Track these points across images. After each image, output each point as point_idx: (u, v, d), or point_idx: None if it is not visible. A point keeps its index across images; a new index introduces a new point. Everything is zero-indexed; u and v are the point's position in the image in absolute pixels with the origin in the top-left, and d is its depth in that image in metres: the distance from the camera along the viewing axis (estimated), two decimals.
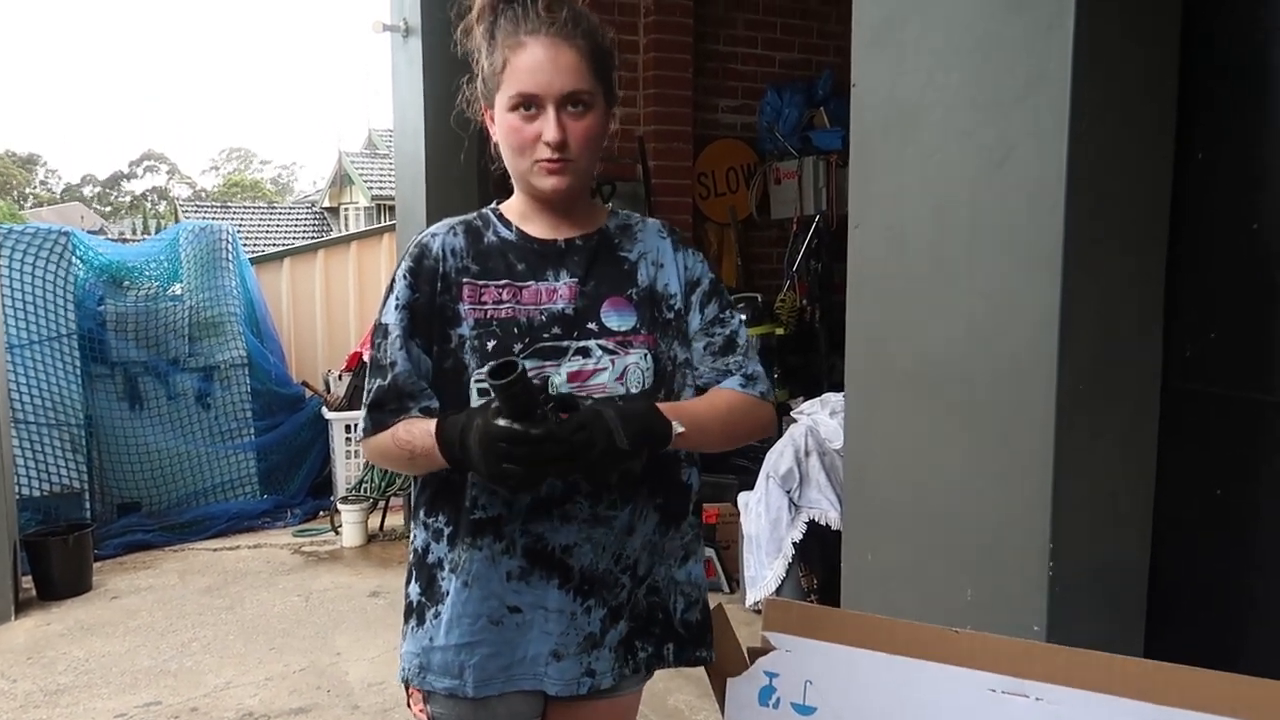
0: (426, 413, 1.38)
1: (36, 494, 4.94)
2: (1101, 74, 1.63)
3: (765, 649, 1.59)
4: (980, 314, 1.80)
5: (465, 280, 1.42)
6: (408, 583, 1.49)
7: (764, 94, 5.89)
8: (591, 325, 1.42)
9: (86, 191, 40.66)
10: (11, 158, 38.24)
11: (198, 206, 28.69)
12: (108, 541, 5.03)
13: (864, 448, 2.13)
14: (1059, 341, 1.66)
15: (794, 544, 3.54)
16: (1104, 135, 1.65)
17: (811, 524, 3.55)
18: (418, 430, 1.34)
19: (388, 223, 8.96)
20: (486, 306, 1.40)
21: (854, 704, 1.51)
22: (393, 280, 1.44)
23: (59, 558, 4.42)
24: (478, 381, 1.38)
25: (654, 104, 5.80)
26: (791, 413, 4.14)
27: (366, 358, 1.42)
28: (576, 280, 1.43)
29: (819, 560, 3.54)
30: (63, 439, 5.06)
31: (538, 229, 1.45)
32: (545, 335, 1.40)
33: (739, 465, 4.44)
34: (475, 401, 1.38)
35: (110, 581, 4.61)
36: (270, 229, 23.48)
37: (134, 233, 25.10)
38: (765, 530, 3.63)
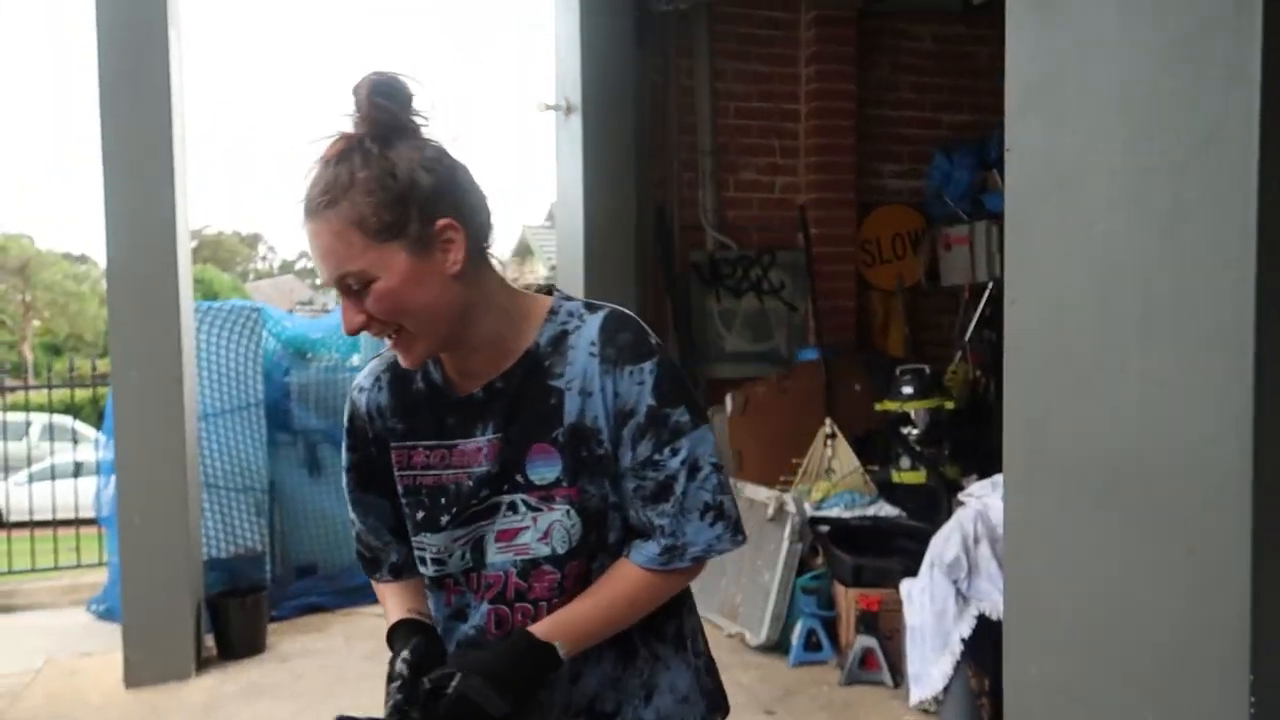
0: (394, 571, 1.42)
1: (222, 555, 5.24)
2: None
3: None
4: (1155, 400, 1.58)
5: (393, 444, 1.35)
6: None
7: (932, 157, 5.68)
8: (518, 477, 1.28)
9: (300, 265, 44.21)
10: (238, 237, 42.18)
11: None
12: (285, 604, 5.26)
13: (1024, 547, 1.92)
14: (1253, 432, 1.43)
15: (962, 640, 3.26)
16: None
17: (982, 618, 3.26)
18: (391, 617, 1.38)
19: None
20: (414, 472, 1.33)
21: None
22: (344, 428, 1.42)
23: (237, 618, 4.65)
24: (415, 549, 1.36)
25: (815, 171, 5.71)
26: (960, 494, 3.87)
27: None
28: (500, 436, 1.28)
29: (991, 659, 3.24)
30: (247, 503, 5.36)
31: (454, 376, 1.32)
32: (474, 501, 1.29)
33: (902, 547, 4.18)
34: (418, 566, 1.38)
35: (283, 644, 4.80)
36: None
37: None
38: (930, 622, 3.36)
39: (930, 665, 3.37)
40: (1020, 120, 1.88)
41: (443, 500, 1.30)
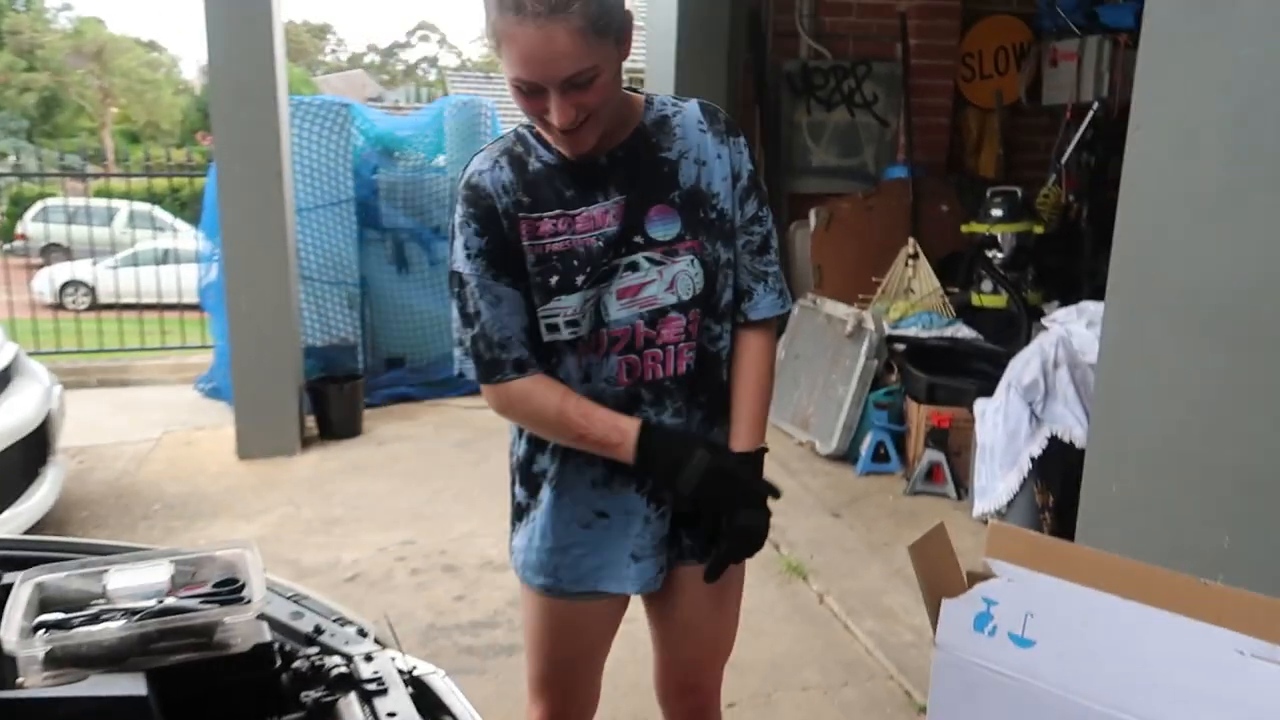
0: (519, 367, 1.41)
1: (319, 344, 5.52)
2: None
3: (985, 574, 1.54)
4: (1278, 238, 1.58)
5: (521, 215, 1.40)
6: (512, 484, 1.57)
7: None
8: (637, 238, 1.41)
9: (368, 60, 43.48)
10: (306, 27, 41.38)
11: (464, 76, 30.00)
12: (376, 392, 5.57)
13: (1119, 370, 1.97)
14: None
15: (1032, 459, 3.37)
16: None
17: (1053, 439, 3.35)
18: (599, 424, 1.40)
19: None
20: (544, 240, 1.40)
21: (1078, 646, 1.44)
22: (453, 225, 1.43)
23: (336, 403, 4.96)
24: (545, 317, 1.41)
25: None
26: (1043, 319, 3.88)
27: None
28: (623, 197, 1.40)
29: (1058, 479, 3.35)
30: (341, 296, 5.59)
31: (572, 149, 1.38)
32: (604, 260, 1.40)
33: (977, 369, 4.24)
34: (545, 336, 1.42)
35: (378, 428, 5.12)
36: None
37: (407, 101, 26.62)
38: (1001, 441, 3.46)
39: (997, 481, 3.50)
40: None
41: (575, 262, 1.39)
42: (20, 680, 1.13)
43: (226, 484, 4.30)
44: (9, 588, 1.27)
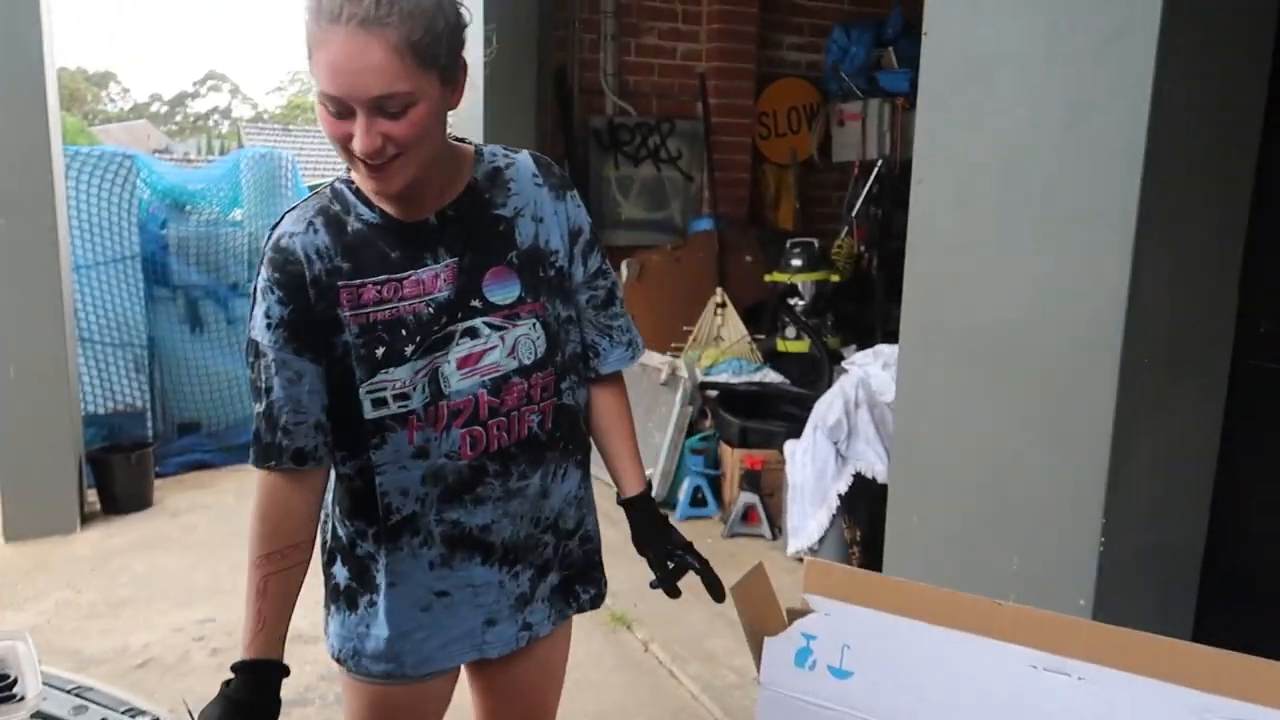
0: (297, 458, 1.28)
1: (101, 411, 5.09)
2: (1194, 22, 1.54)
3: (804, 610, 1.59)
4: (1046, 279, 1.74)
5: (341, 283, 1.29)
6: (329, 564, 1.46)
7: (831, 31, 5.72)
8: (475, 302, 1.33)
9: (154, 109, 41.18)
10: (84, 75, 38.79)
11: (260, 128, 28.93)
12: (168, 460, 5.18)
13: (914, 408, 2.10)
14: (1126, 312, 1.60)
15: (839, 495, 3.53)
16: (1190, 90, 1.56)
17: (858, 476, 3.52)
18: (254, 607, 1.27)
19: None
20: (367, 309, 1.29)
21: (891, 672, 1.50)
22: (255, 289, 1.31)
23: (122, 474, 4.57)
24: (370, 392, 1.30)
25: (717, 39, 5.68)
26: (843, 363, 4.10)
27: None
28: (455, 259, 1.32)
29: (864, 513, 3.52)
30: (126, 359, 5.18)
31: (399, 207, 1.31)
32: (435, 328, 1.31)
33: (786, 412, 4.42)
34: (369, 412, 1.31)
35: (170, 499, 4.76)
36: (330, 153, 23.60)
37: (198, 152, 25.39)
38: (810, 480, 3.61)
39: (808, 519, 3.65)
40: (938, 5, 1.95)
41: (403, 332, 1.30)
42: None
43: None
44: None
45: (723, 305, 5.24)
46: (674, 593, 1.52)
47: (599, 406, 1.53)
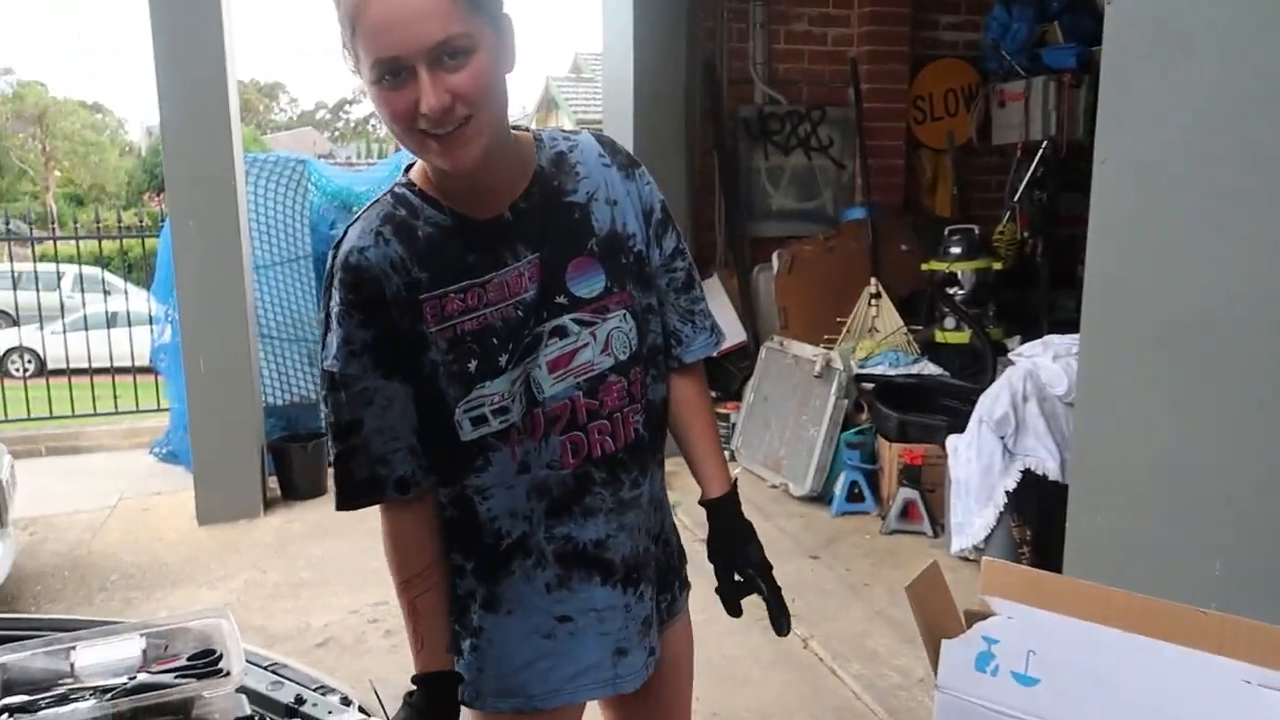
0: (401, 486, 1.21)
1: (279, 403, 5.42)
2: None
3: (984, 613, 1.52)
4: (1248, 266, 1.61)
5: (421, 296, 1.19)
6: None
7: (990, 8, 5.48)
8: (560, 299, 1.23)
9: (319, 117, 43.45)
10: (256, 86, 41.38)
11: None
12: None
13: (1097, 403, 1.98)
14: None
15: (1006, 493, 3.38)
16: None
17: (1027, 473, 3.37)
18: (419, 623, 1.27)
19: None
20: (454, 321, 1.19)
21: (1081, 680, 1.42)
22: (328, 314, 1.21)
23: (299, 462, 4.85)
24: (468, 410, 1.21)
25: (868, 23, 5.53)
26: (1009, 354, 3.92)
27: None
28: (536, 254, 1.22)
29: (1034, 512, 3.36)
30: (301, 353, 5.50)
31: (470, 204, 1.21)
32: (525, 332, 1.21)
33: (946, 406, 4.27)
34: (469, 433, 1.22)
35: None
36: None
37: (359, 156, 26.58)
38: (975, 476, 3.48)
39: (973, 516, 3.51)
40: None
41: (494, 341, 1.20)
42: None
43: (186, 551, 4.17)
44: None
45: (877, 296, 5.11)
46: (734, 611, 1.39)
47: (681, 400, 1.42)
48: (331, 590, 3.69)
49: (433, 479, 1.26)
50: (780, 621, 1.38)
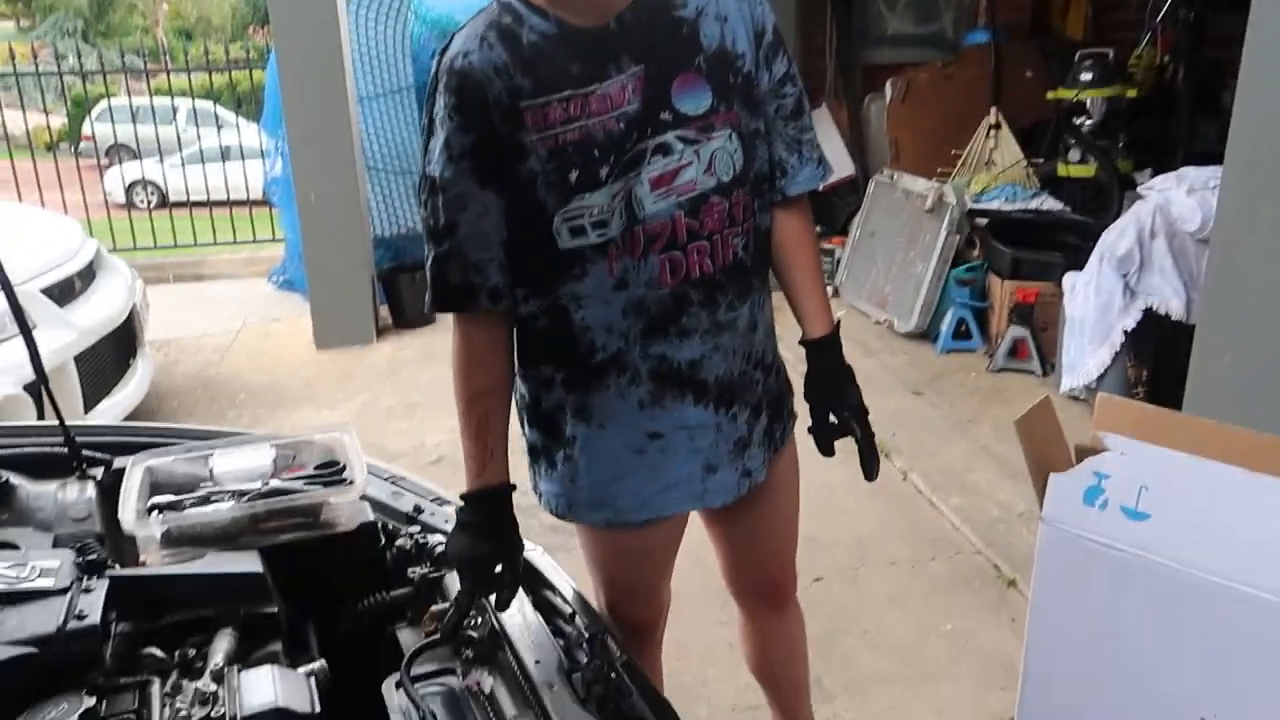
0: (494, 296, 1.24)
1: (387, 234, 5.53)
2: None
3: (1095, 448, 1.48)
4: None
5: (523, 104, 1.18)
6: (521, 424, 1.43)
7: None
8: (665, 115, 1.21)
9: None
10: None
11: None
12: None
13: (1235, 239, 1.86)
14: None
15: (1125, 332, 3.25)
16: None
17: (1148, 313, 3.22)
18: (489, 437, 1.29)
19: None
20: (555, 130, 1.19)
21: (1195, 517, 1.38)
22: (431, 120, 1.22)
23: (408, 292, 4.98)
24: (567, 220, 1.21)
25: None
26: (1139, 188, 3.69)
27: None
28: (641, 67, 1.19)
29: (1151, 352, 3.24)
30: (406, 185, 5.56)
31: (576, 13, 1.19)
32: (627, 145, 1.20)
33: (1064, 242, 4.09)
34: (567, 241, 1.22)
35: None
36: None
37: None
38: (1092, 315, 3.35)
39: (1086, 355, 3.40)
40: None
41: (595, 152, 1.20)
42: (142, 559, 1.16)
43: (306, 374, 4.39)
44: (121, 472, 1.30)
45: (996, 126, 4.84)
46: (827, 451, 1.39)
47: (784, 233, 1.38)
48: (442, 413, 3.84)
49: (518, 294, 1.28)
50: (870, 466, 1.39)
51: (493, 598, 1.19)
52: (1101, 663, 1.52)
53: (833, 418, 1.38)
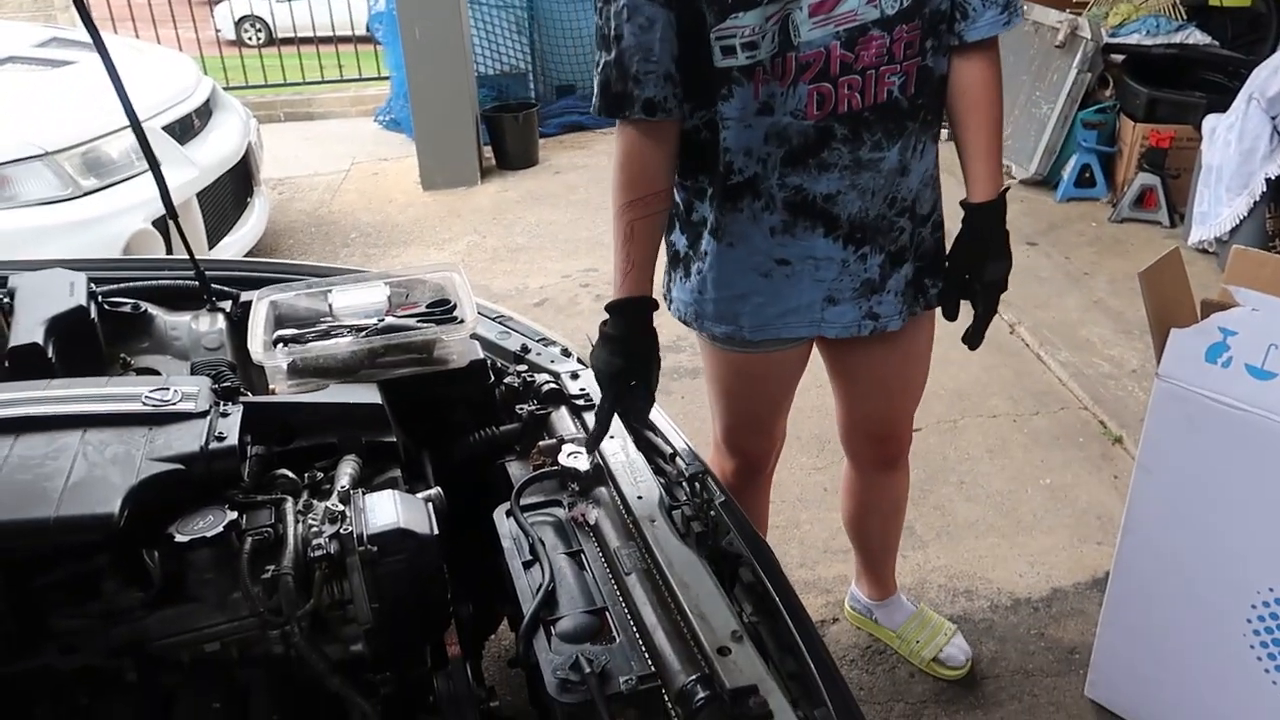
0: (648, 108, 1.23)
1: (490, 72, 5.46)
2: None
3: (1224, 303, 1.42)
4: None
5: None
6: (669, 231, 1.45)
7: None
8: None
9: None
10: None
11: None
12: (549, 120, 5.51)
13: None
14: None
15: (1267, 180, 3.04)
16: None
17: None
18: (626, 250, 1.30)
19: None
20: None
21: None
22: None
23: (512, 132, 4.96)
24: (719, 38, 1.21)
25: None
26: None
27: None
28: None
29: None
30: (508, 21, 5.44)
31: None
32: None
33: (1209, 81, 3.78)
34: (719, 60, 1.23)
35: (553, 158, 5.13)
36: None
37: None
38: (1233, 161, 3.13)
39: (1221, 205, 3.20)
40: None
41: None
42: (271, 387, 1.24)
43: (414, 214, 4.46)
44: (248, 305, 1.37)
45: None
46: (951, 314, 1.43)
47: (962, 83, 1.32)
48: (546, 255, 3.89)
49: (681, 111, 1.29)
50: (975, 340, 1.41)
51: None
52: (1206, 521, 1.51)
53: (965, 285, 1.39)
